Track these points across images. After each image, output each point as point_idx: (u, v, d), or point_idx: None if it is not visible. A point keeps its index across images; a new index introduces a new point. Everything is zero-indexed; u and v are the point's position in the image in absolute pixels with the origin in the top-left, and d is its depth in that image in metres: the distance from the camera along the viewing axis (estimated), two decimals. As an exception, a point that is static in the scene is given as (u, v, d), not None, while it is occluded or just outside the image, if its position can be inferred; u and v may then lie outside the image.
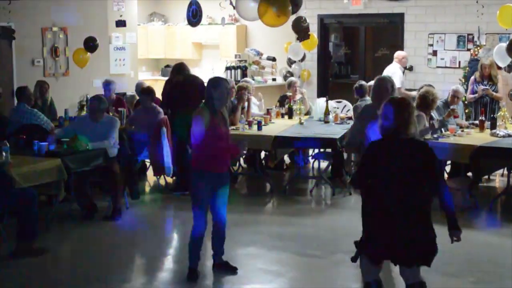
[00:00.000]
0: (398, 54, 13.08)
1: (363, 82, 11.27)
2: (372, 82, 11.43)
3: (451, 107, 10.25)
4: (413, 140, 5.35)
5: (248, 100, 11.39)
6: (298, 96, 12.23)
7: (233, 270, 7.03)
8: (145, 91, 10.74)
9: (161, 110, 10.59)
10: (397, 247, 5.25)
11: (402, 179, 5.21)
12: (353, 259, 6.65)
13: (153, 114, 10.53)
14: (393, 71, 12.49)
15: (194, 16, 11.80)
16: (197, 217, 6.72)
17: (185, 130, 9.74)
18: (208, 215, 6.85)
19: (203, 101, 6.70)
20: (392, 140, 5.30)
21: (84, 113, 9.29)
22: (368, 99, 10.91)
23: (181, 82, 10.37)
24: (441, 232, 5.38)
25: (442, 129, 9.79)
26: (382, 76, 7.64)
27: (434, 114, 9.61)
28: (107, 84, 11.80)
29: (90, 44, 12.99)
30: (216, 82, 6.67)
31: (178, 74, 10.48)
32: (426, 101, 8.48)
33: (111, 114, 10.79)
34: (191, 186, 6.80)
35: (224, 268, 7.02)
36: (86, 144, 8.68)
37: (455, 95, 10.56)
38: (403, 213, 5.20)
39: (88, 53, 13.10)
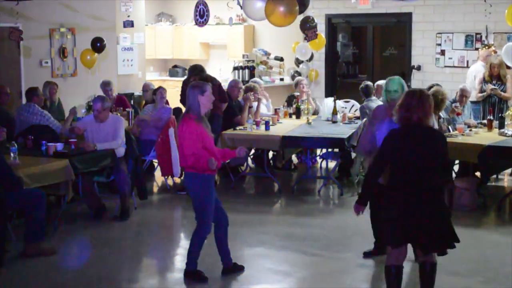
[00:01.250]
0: (482, 53, 12.82)
1: (369, 82, 11.25)
2: (380, 82, 11.49)
3: (453, 105, 10.24)
4: (432, 129, 5.71)
5: (258, 100, 11.41)
6: (305, 96, 12.23)
7: (241, 269, 7.03)
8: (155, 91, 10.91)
9: (170, 109, 10.70)
10: (417, 231, 5.55)
11: (422, 166, 5.53)
12: (366, 254, 6.80)
13: (163, 113, 10.62)
14: (478, 69, 12.33)
15: (201, 16, 11.78)
16: (207, 221, 6.69)
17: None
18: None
19: (187, 108, 6.62)
20: (413, 129, 5.58)
21: (91, 113, 9.28)
22: (374, 99, 10.90)
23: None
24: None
25: (450, 128, 9.77)
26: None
27: (442, 113, 9.59)
28: (105, 85, 11.88)
29: (97, 45, 13.00)
30: (202, 88, 6.59)
31: (195, 75, 10.48)
32: (435, 100, 8.45)
33: (118, 114, 10.85)
34: (196, 192, 6.67)
35: (233, 270, 7.01)
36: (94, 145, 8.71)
37: (463, 94, 10.54)
38: (422, 199, 5.53)
39: (96, 54, 13.11)
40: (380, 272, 7.06)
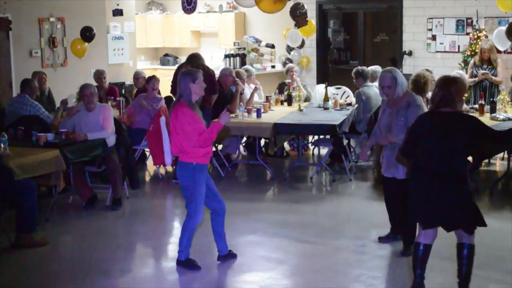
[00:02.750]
0: None
1: (365, 67, 11.22)
2: (372, 68, 11.48)
3: None
4: (459, 113, 5.88)
5: (254, 89, 11.44)
6: (296, 83, 12.20)
7: (233, 257, 7.05)
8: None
9: (161, 98, 10.65)
10: (446, 211, 5.74)
11: (451, 147, 5.70)
12: (381, 239, 7.38)
13: (154, 102, 10.60)
14: None
15: (189, 3, 11.75)
16: (199, 210, 6.65)
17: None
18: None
19: (179, 95, 6.58)
20: (441, 112, 5.76)
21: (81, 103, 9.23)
22: (370, 85, 10.88)
23: None
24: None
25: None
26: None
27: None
28: (99, 74, 11.86)
29: (87, 34, 12.95)
30: (194, 75, 6.57)
31: (187, 63, 10.38)
32: (417, 84, 8.44)
33: (109, 103, 10.82)
34: (187, 180, 6.62)
35: (228, 257, 7.02)
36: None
37: None
38: (450, 180, 5.71)
39: (86, 43, 13.05)
40: (372, 258, 7.08)
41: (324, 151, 11.34)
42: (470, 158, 9.64)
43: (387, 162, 7.14)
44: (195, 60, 10.36)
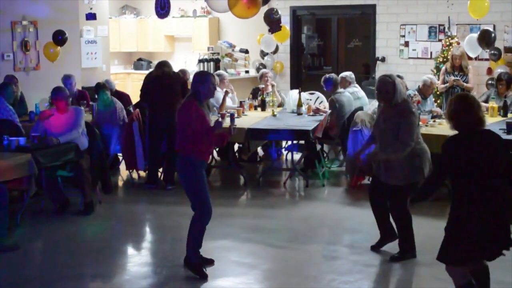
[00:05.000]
0: None
1: (333, 75, 11.26)
2: (344, 74, 11.55)
3: (412, 92, 10.25)
4: (489, 131, 5.46)
5: (225, 93, 11.42)
6: (270, 88, 12.22)
7: (211, 263, 7.03)
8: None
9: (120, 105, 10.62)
10: (493, 242, 5.26)
11: (490, 171, 5.21)
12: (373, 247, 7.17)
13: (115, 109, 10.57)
14: None
15: (162, 8, 11.73)
16: (206, 204, 6.71)
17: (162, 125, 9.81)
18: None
19: (190, 94, 6.72)
20: (474, 133, 5.33)
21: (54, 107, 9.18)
22: (342, 91, 10.94)
23: (158, 77, 10.24)
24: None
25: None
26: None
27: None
28: (67, 79, 11.76)
29: (59, 38, 12.86)
30: (203, 77, 6.71)
31: (158, 69, 10.37)
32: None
33: (82, 107, 10.75)
34: (194, 177, 6.67)
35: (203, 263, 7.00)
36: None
37: (432, 86, 10.69)
38: (493, 206, 5.21)
39: (59, 47, 12.97)
40: (344, 263, 7.11)
41: (297, 156, 11.36)
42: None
43: (386, 168, 7.12)
44: (167, 68, 10.31)
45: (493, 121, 10.00)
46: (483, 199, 5.17)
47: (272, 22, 12.39)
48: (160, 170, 10.65)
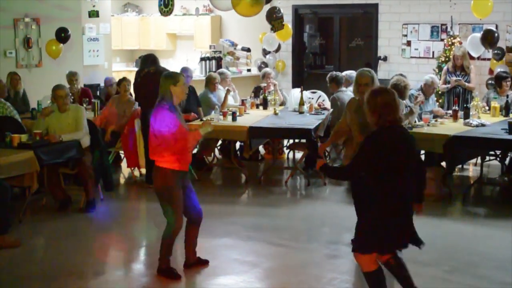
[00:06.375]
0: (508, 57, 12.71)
1: (339, 73, 11.28)
2: (347, 72, 11.56)
3: (416, 93, 10.23)
4: (404, 128, 5.60)
5: (227, 91, 11.45)
6: (272, 87, 12.23)
7: (205, 263, 6.98)
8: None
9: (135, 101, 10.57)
10: (410, 232, 5.49)
11: (407, 165, 5.35)
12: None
13: (128, 106, 10.56)
14: None
15: (166, 6, 11.73)
16: (177, 216, 6.52)
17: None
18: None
19: (161, 98, 6.40)
20: (394, 129, 5.37)
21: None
22: (344, 90, 10.95)
23: (152, 74, 9.97)
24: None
25: (416, 119, 9.81)
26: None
27: (407, 101, 9.61)
28: (71, 75, 11.80)
29: (62, 35, 12.88)
30: (175, 78, 6.42)
31: (150, 65, 10.13)
32: (398, 88, 8.49)
33: (84, 105, 10.78)
34: (164, 187, 6.47)
35: (196, 264, 6.95)
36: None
37: (433, 86, 10.71)
38: (409, 198, 5.43)
39: (61, 44, 12.98)
40: (345, 262, 7.11)
41: (299, 155, 11.37)
42: (443, 164, 9.79)
43: None
44: (153, 62, 10.11)
45: (495, 121, 10.03)
46: (398, 193, 5.31)
47: (275, 20, 12.39)
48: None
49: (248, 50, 16.44)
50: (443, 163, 9.86)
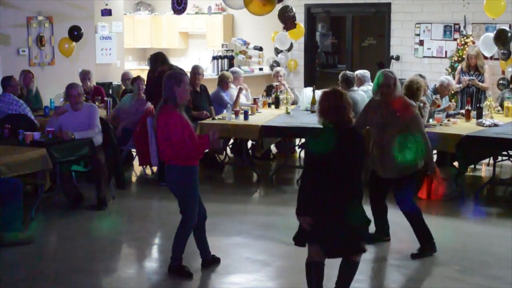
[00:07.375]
0: None
1: (350, 72, 11.26)
2: (359, 72, 11.53)
3: (434, 97, 10.21)
4: (354, 129, 5.71)
5: (239, 90, 11.47)
6: (284, 86, 12.23)
7: (217, 261, 6.99)
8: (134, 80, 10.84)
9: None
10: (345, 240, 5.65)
11: (348, 168, 5.47)
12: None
13: (141, 104, 10.57)
14: None
15: (179, 4, 11.76)
16: (193, 213, 6.52)
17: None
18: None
19: (165, 99, 6.35)
20: (341, 129, 5.55)
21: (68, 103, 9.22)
22: (356, 89, 10.93)
23: (164, 73, 9.91)
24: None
25: (430, 119, 9.77)
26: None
27: (425, 99, 9.56)
28: (84, 74, 11.82)
29: (75, 33, 12.91)
30: (179, 78, 6.39)
31: (162, 64, 10.12)
32: (410, 90, 8.48)
33: (97, 103, 10.81)
34: (181, 185, 6.46)
35: (211, 263, 6.95)
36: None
37: (447, 87, 10.66)
38: (346, 203, 5.51)
39: (74, 43, 13.02)
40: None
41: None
42: (456, 164, 9.77)
43: (381, 161, 7.18)
44: (163, 61, 10.10)
45: (508, 121, 9.98)
46: (344, 191, 5.47)
47: (287, 19, 12.39)
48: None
49: (260, 49, 16.43)
50: (456, 163, 9.84)
